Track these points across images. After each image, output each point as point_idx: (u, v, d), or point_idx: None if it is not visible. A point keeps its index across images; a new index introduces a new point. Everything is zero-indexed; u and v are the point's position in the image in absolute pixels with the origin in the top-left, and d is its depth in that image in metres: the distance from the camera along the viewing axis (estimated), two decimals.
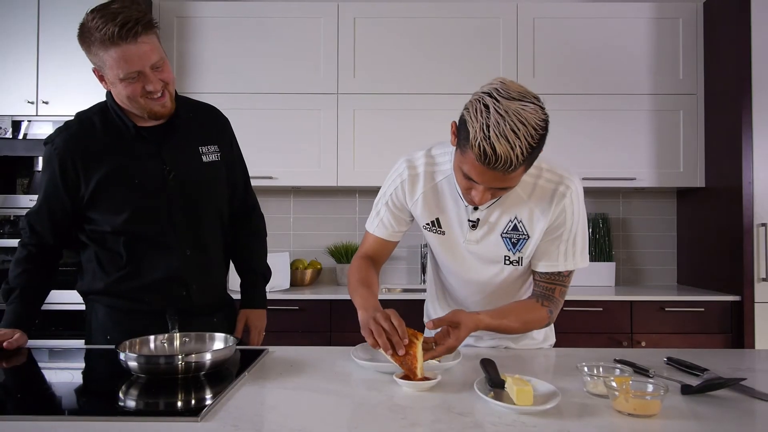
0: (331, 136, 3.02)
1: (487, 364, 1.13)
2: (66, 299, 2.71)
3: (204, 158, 1.53)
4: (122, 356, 1.13)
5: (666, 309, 2.73)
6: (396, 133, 3.02)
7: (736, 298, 2.72)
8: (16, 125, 2.76)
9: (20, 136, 2.75)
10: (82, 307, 2.66)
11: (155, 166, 1.46)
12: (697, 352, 1.43)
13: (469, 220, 1.37)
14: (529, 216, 1.34)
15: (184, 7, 3.04)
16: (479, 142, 1.09)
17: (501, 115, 1.08)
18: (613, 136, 3.02)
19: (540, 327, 1.41)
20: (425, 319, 1.70)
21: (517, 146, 1.08)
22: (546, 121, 1.13)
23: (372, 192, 3.34)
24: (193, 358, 1.13)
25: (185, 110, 1.53)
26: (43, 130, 2.76)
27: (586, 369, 1.09)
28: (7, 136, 2.75)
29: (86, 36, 1.32)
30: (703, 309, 2.73)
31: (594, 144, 2.99)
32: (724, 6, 2.87)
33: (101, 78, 1.39)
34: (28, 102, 2.76)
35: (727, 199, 2.85)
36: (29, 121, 2.76)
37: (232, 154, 1.64)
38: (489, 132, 1.08)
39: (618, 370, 1.09)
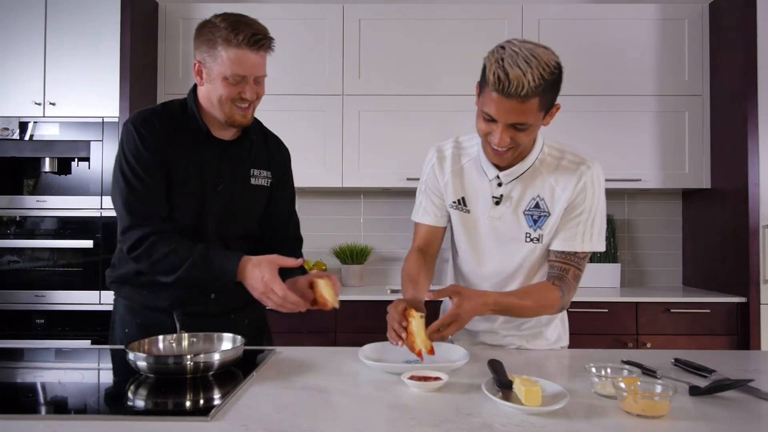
0: (336, 137, 3.03)
1: (495, 365, 1.14)
2: (70, 299, 2.74)
3: (252, 180, 1.57)
4: (131, 356, 1.14)
5: (671, 310, 2.73)
6: (401, 134, 3.02)
7: (742, 299, 2.71)
8: (23, 126, 2.77)
9: (27, 137, 2.76)
10: (86, 307, 2.72)
11: (210, 174, 1.50)
12: (704, 353, 1.43)
13: (493, 197, 1.45)
14: (550, 193, 1.42)
15: (189, 9, 3.06)
16: (494, 71, 1.22)
17: (515, 51, 1.23)
18: (619, 137, 3.02)
19: (552, 310, 1.41)
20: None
21: (529, 73, 1.20)
22: (559, 65, 1.28)
23: (377, 193, 3.35)
24: (201, 358, 1.13)
25: (253, 130, 1.59)
26: (49, 132, 2.77)
27: (594, 370, 1.09)
28: (14, 137, 2.76)
29: (210, 31, 1.40)
30: (708, 310, 2.72)
31: (599, 145, 2.98)
32: (730, 7, 2.87)
33: (199, 72, 1.45)
34: (35, 103, 2.77)
35: (732, 201, 2.85)
36: (36, 122, 2.77)
37: (281, 186, 1.66)
38: (503, 62, 1.22)
39: (626, 371, 1.09)
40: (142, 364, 1.13)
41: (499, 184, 1.44)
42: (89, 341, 2.70)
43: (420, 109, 3.02)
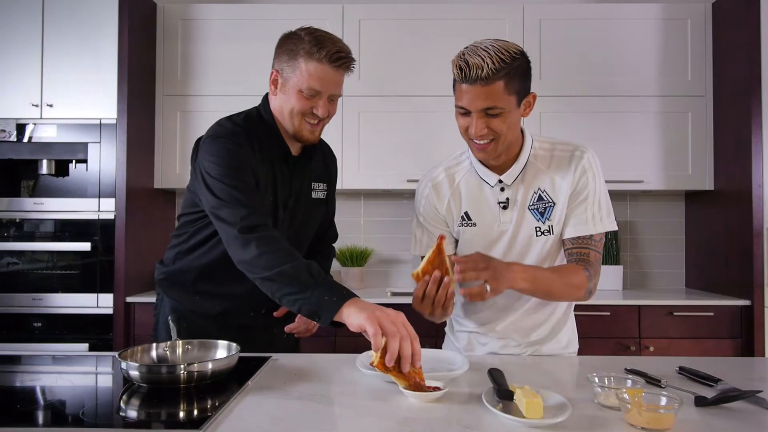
0: (335, 138, 3.00)
1: (495, 374, 1.11)
2: (68, 303, 2.72)
3: (313, 194, 1.57)
4: (123, 365, 1.12)
5: (675, 314, 2.70)
6: (401, 136, 2.99)
7: (746, 302, 2.68)
8: (21, 128, 2.75)
9: (25, 139, 2.74)
10: (84, 310, 2.69)
11: (283, 190, 1.48)
12: (709, 360, 1.40)
13: (499, 202, 1.46)
14: (551, 184, 1.44)
15: (188, 10, 3.03)
16: (457, 63, 1.30)
17: (475, 45, 1.31)
18: (621, 139, 2.99)
19: (580, 291, 1.39)
20: (447, 330, 1.69)
21: (487, 58, 1.26)
22: (522, 52, 1.33)
23: (377, 195, 3.32)
24: (195, 367, 1.11)
25: (317, 145, 1.58)
26: (47, 134, 2.75)
27: (596, 380, 1.06)
28: (11, 139, 2.74)
29: (295, 43, 1.38)
30: (712, 314, 2.69)
31: (601, 146, 2.93)
32: (733, 7, 2.84)
33: (275, 81, 1.43)
34: (33, 105, 2.75)
35: (736, 202, 2.82)
36: (34, 124, 2.75)
37: (333, 193, 1.69)
38: (464, 56, 1.30)
39: (630, 381, 1.06)
40: (134, 373, 1.11)
41: (502, 189, 1.45)
42: (87, 345, 2.68)
43: (420, 110, 2.99)
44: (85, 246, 2.71)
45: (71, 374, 1.34)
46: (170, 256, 1.56)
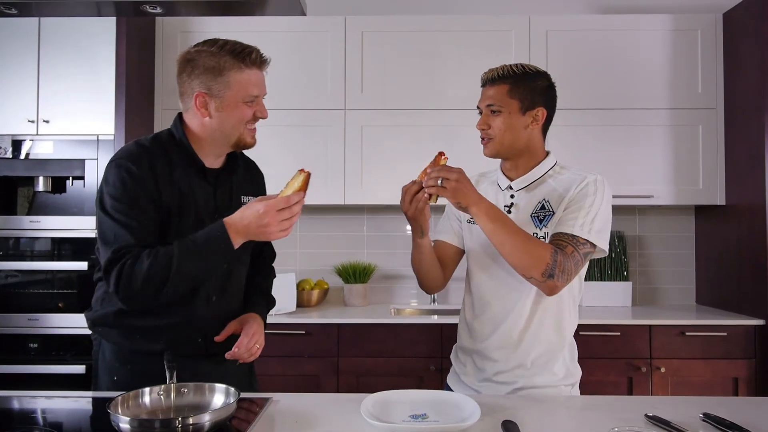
0: (338, 153, 2.94)
1: (510, 428, 1.04)
2: (65, 323, 2.66)
3: None
4: (113, 417, 1.05)
5: (686, 333, 2.63)
6: (405, 150, 2.93)
7: (760, 321, 2.61)
8: (17, 145, 2.69)
9: (21, 156, 2.68)
10: (81, 331, 2.63)
11: (207, 208, 1.44)
12: (732, 403, 1.33)
13: (504, 206, 1.54)
14: (555, 196, 1.49)
15: (187, 23, 2.98)
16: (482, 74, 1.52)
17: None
18: (629, 152, 2.92)
19: (539, 263, 1.34)
20: (452, 357, 1.67)
21: (501, 68, 1.48)
22: (539, 72, 1.50)
23: (380, 209, 3.26)
24: (191, 420, 1.04)
25: (238, 156, 1.56)
26: (44, 150, 2.69)
27: None
28: (7, 155, 2.68)
29: (214, 60, 1.37)
30: (725, 333, 2.62)
31: (609, 160, 2.89)
32: (745, 17, 2.77)
33: (204, 104, 1.39)
34: (29, 121, 2.69)
35: (748, 217, 2.75)
36: (30, 140, 2.70)
37: None
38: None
39: None
40: (125, 426, 1.04)
41: (512, 196, 1.53)
42: (84, 366, 2.62)
43: (424, 124, 2.93)
44: (82, 265, 2.65)
45: (59, 415, 1.28)
46: (97, 297, 1.47)
